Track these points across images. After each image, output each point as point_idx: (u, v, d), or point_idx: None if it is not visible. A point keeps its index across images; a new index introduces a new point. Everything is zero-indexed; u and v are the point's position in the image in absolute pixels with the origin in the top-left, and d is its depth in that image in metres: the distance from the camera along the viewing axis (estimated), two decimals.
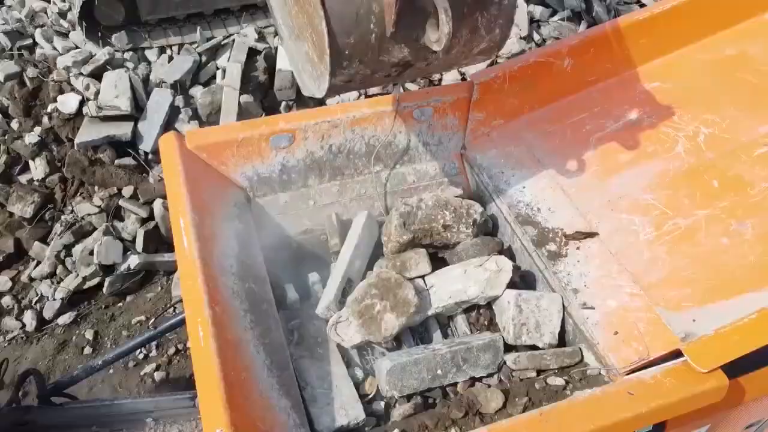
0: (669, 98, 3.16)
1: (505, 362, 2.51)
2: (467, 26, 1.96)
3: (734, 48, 3.31)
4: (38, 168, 5.07)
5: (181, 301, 4.03)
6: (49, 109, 5.20)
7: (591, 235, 2.75)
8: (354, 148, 3.07)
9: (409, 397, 2.40)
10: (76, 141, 4.94)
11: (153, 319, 3.79)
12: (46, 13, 5.84)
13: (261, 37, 5.80)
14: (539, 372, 2.49)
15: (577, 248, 2.74)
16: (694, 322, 2.32)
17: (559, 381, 2.42)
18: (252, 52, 5.60)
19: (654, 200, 2.78)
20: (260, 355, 2.23)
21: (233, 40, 5.66)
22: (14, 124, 5.26)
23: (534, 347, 2.57)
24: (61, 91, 5.17)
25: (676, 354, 2.21)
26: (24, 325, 4.52)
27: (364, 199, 3.14)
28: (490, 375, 2.49)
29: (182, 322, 3.14)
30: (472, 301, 2.62)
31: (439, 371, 2.41)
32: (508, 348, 2.57)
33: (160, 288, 4.79)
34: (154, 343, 4.40)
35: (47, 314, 4.55)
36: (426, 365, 2.39)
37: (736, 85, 3.15)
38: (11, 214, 4.91)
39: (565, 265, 2.69)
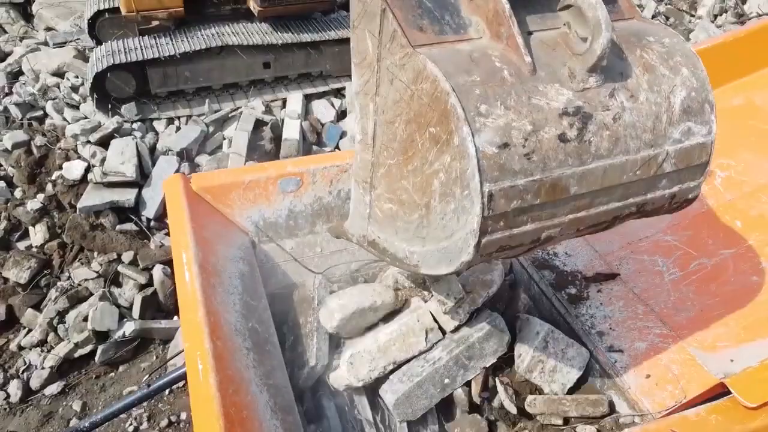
0: None
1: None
2: (632, 54, 1.58)
3: (741, 98, 3.33)
4: (38, 234, 4.98)
5: (177, 355, 3.79)
6: (53, 177, 5.19)
7: (612, 276, 2.63)
8: None
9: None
10: (79, 206, 4.89)
11: (147, 376, 3.55)
12: (58, 87, 5.99)
13: (268, 110, 5.91)
14: (566, 420, 2.28)
15: (599, 291, 2.61)
16: (733, 362, 2.16)
17: (590, 429, 2.21)
18: (259, 123, 5.68)
19: (676, 241, 2.68)
20: (263, 395, 2.04)
21: (240, 112, 5.75)
22: (17, 192, 5.23)
23: (539, 389, 2.39)
24: (68, 159, 5.19)
25: (716, 395, 2.03)
26: (8, 396, 4.24)
27: None
28: (503, 356, 2.40)
29: (179, 378, 2.92)
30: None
31: (446, 380, 2.27)
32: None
33: (155, 357, 4.55)
34: (145, 415, 4.12)
35: (34, 384, 4.28)
36: (431, 382, 2.24)
37: (748, 131, 3.14)
38: (6, 280, 4.76)
39: (588, 308, 2.55)
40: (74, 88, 5.96)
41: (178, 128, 5.62)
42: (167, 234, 5.07)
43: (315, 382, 2.47)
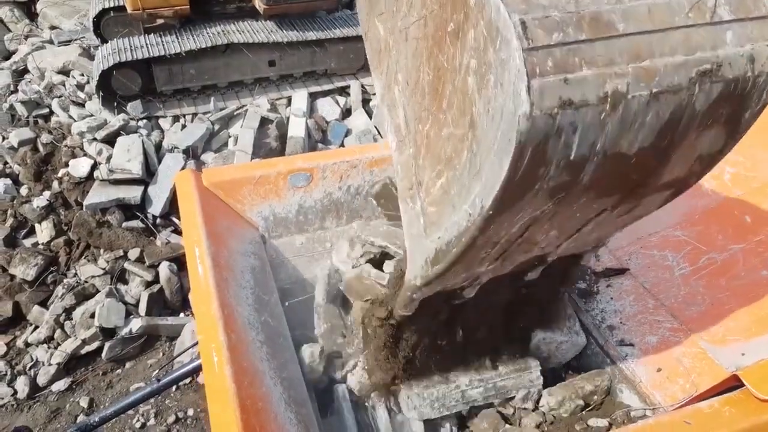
0: None
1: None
2: None
3: None
4: (44, 231, 4.99)
5: (185, 351, 3.80)
6: (59, 174, 5.20)
7: (621, 271, 2.64)
8: (372, 190, 3.01)
9: None
10: (85, 203, 4.90)
11: (157, 371, 3.55)
12: (64, 85, 6.00)
13: (273, 108, 5.92)
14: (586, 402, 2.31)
15: (608, 285, 2.62)
16: (744, 356, 2.16)
17: (601, 422, 2.22)
18: (264, 121, 5.69)
19: (685, 236, 2.69)
20: (277, 388, 2.05)
21: (246, 110, 5.77)
22: (24, 190, 5.24)
23: None
24: (74, 156, 5.20)
25: (727, 389, 2.04)
26: (15, 392, 4.25)
27: None
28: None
29: (190, 372, 2.93)
30: None
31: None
32: None
33: (161, 354, 4.56)
34: (152, 412, 4.12)
35: (41, 380, 4.29)
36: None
37: (756, 129, 3.12)
38: (12, 278, 4.77)
39: (598, 302, 2.57)
40: (80, 86, 5.98)
41: (184, 126, 5.63)
42: (173, 231, 5.08)
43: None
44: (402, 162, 1.92)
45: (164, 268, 4.75)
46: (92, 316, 4.48)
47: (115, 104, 5.57)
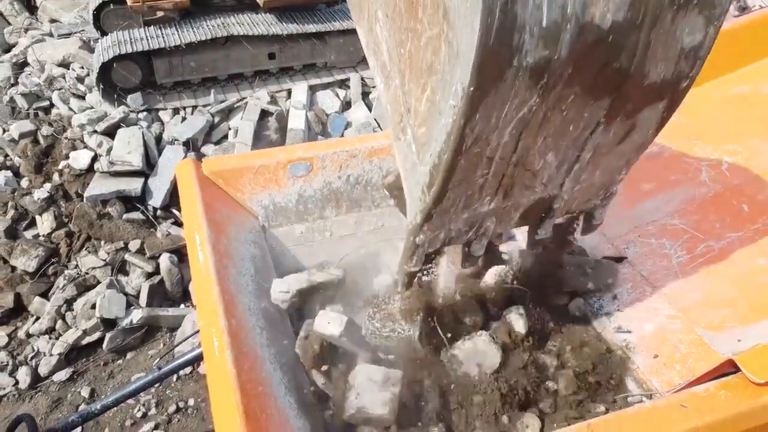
0: (687, 132, 3.15)
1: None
2: None
3: (747, 87, 3.35)
4: (45, 223, 5.01)
5: (185, 340, 3.82)
6: (60, 166, 5.22)
7: (619, 259, 2.65)
8: (372, 179, 3.02)
9: None
10: (86, 195, 4.92)
11: (158, 361, 3.58)
12: (64, 77, 6.01)
13: (273, 101, 5.93)
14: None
15: None
16: (740, 342, 2.17)
17: (599, 408, 2.23)
18: (264, 114, 5.70)
19: (683, 225, 2.70)
20: (277, 373, 2.08)
21: (246, 102, 5.78)
22: (24, 182, 5.26)
23: None
24: (74, 148, 5.22)
25: (723, 374, 2.05)
26: (17, 382, 4.28)
27: (382, 233, 3.06)
28: None
29: (191, 361, 2.96)
30: None
31: None
32: None
33: (162, 345, 4.59)
34: (153, 401, 4.15)
35: (43, 371, 4.32)
36: None
37: (754, 119, 3.15)
38: (13, 269, 4.79)
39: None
40: (80, 79, 5.99)
41: (184, 118, 5.65)
42: (174, 223, 5.11)
43: None
44: (390, 98, 1.91)
45: (165, 260, 4.78)
46: (93, 307, 4.50)
47: (116, 96, 5.59)
